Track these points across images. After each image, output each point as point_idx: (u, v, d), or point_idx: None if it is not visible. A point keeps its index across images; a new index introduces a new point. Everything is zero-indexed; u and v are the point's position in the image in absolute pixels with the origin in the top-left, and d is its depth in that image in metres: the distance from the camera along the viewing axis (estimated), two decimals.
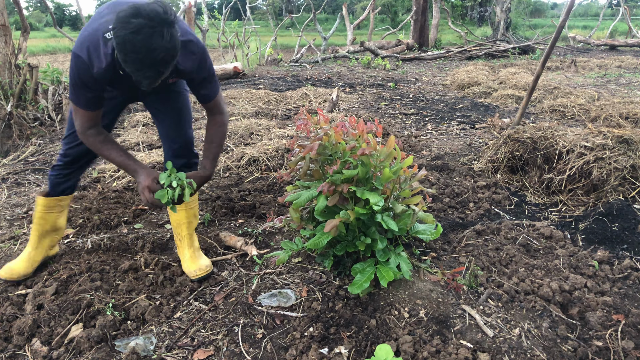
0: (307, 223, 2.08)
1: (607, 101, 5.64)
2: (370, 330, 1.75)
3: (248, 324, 1.85)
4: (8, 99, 4.84)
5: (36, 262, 2.20)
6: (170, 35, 1.49)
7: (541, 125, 3.38)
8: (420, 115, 5.81)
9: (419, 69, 11.16)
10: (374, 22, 18.99)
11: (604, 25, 22.77)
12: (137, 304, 1.92)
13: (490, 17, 23.28)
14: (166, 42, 1.48)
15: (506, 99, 6.58)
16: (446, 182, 3.27)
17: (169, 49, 1.50)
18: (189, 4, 9.62)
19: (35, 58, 9.13)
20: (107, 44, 1.65)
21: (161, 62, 1.51)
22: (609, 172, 2.78)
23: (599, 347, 1.66)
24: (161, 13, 1.48)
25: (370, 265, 1.95)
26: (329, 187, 1.82)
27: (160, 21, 1.47)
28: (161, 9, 1.50)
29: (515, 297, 1.94)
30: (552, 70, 9.89)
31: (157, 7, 1.49)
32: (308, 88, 7.28)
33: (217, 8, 20.33)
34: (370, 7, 18.20)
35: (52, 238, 2.25)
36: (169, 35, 1.49)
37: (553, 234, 2.42)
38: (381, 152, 1.85)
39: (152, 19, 1.46)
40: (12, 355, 1.69)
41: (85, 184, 3.42)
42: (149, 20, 1.45)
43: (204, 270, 2.15)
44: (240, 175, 3.60)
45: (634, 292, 1.96)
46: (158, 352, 1.69)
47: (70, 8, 53.15)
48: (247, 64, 11.96)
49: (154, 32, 1.45)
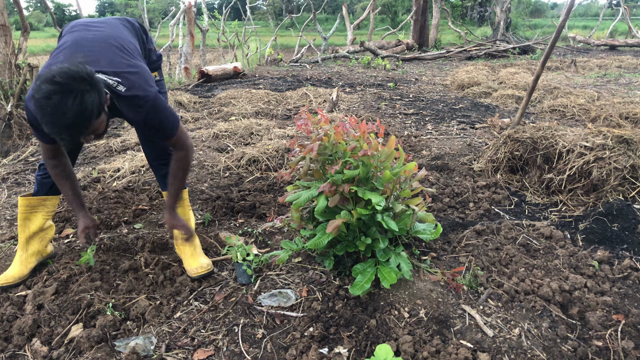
0: (307, 223, 2.08)
1: (607, 101, 5.64)
2: (370, 330, 1.75)
3: (248, 323, 1.86)
4: (8, 99, 4.84)
5: (31, 263, 2.18)
6: (81, 100, 1.50)
7: (541, 125, 3.38)
8: (420, 115, 5.81)
9: (418, 69, 11.16)
10: (374, 22, 18.99)
11: (604, 25, 22.78)
12: (137, 304, 1.92)
13: (490, 17, 23.28)
14: (76, 107, 1.49)
15: (506, 99, 6.58)
16: (446, 182, 3.27)
17: (79, 114, 1.51)
18: (189, 4, 9.62)
19: (35, 58, 9.14)
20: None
21: (72, 126, 1.53)
22: (609, 172, 2.78)
23: (599, 347, 1.66)
24: (77, 78, 1.50)
25: (370, 266, 1.95)
26: (330, 188, 1.82)
27: (73, 86, 1.49)
28: (81, 73, 1.52)
29: (515, 297, 1.94)
30: (552, 70, 9.89)
31: (77, 70, 1.52)
32: (308, 88, 7.28)
33: (217, 8, 20.33)
34: (370, 7, 18.20)
35: (41, 237, 2.22)
36: (80, 100, 1.50)
37: (553, 234, 2.42)
38: (382, 152, 1.85)
39: (65, 84, 1.48)
40: (12, 355, 1.69)
41: (85, 184, 3.42)
42: (60, 86, 1.47)
43: (205, 268, 2.15)
44: (240, 175, 3.60)
45: (634, 292, 1.96)
46: (158, 352, 1.69)
47: (70, 8, 53.16)
48: (247, 64, 11.96)
49: (64, 97, 1.48)
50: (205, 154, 4.16)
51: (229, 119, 5.56)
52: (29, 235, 2.18)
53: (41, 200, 2.17)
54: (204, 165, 3.83)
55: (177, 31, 10.00)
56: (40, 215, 2.18)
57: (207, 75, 8.81)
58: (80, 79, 1.50)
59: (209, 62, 12.19)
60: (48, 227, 2.26)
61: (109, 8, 60.36)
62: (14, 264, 2.17)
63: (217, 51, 13.25)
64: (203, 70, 8.84)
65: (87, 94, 1.51)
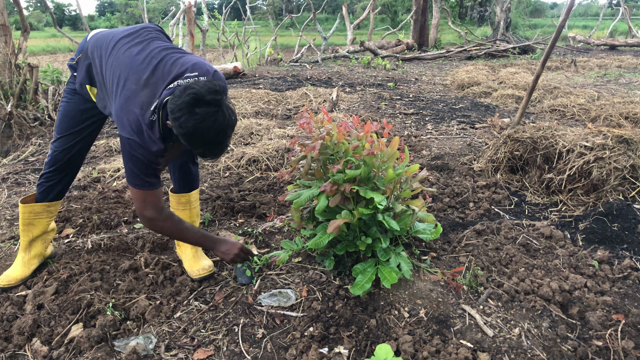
0: (307, 223, 2.07)
1: (607, 101, 5.64)
2: (370, 330, 1.75)
3: (248, 323, 1.85)
4: (8, 98, 4.84)
5: (33, 265, 2.19)
6: (229, 110, 1.54)
7: (541, 125, 3.38)
8: (420, 115, 5.81)
9: (419, 69, 11.16)
10: (374, 22, 18.99)
11: (604, 25, 22.78)
12: (137, 304, 1.92)
13: (490, 17, 23.29)
14: (229, 119, 1.54)
15: (506, 98, 6.58)
16: (446, 182, 3.27)
17: (233, 123, 1.57)
18: (189, 3, 9.62)
19: (35, 58, 9.13)
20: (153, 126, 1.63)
21: (228, 138, 1.59)
22: (609, 172, 2.78)
23: (599, 346, 1.66)
24: (215, 92, 1.50)
25: (371, 266, 1.95)
26: (331, 187, 1.81)
27: (219, 100, 1.51)
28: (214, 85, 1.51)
29: (515, 297, 1.94)
30: (552, 70, 9.89)
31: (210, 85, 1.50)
32: (308, 88, 7.28)
33: (217, 8, 20.32)
34: (370, 7, 18.20)
35: (43, 239, 2.22)
36: (228, 111, 1.54)
37: (553, 234, 2.42)
38: (385, 152, 1.85)
39: (211, 102, 1.49)
40: (12, 355, 1.69)
41: (85, 184, 3.42)
42: (210, 106, 1.48)
43: (207, 270, 2.15)
44: (240, 175, 3.60)
45: (634, 292, 1.96)
46: (158, 352, 1.69)
47: (70, 8, 53.17)
48: (247, 63, 11.96)
49: (218, 115, 1.50)
50: None
51: None
52: (32, 239, 2.17)
53: (45, 206, 2.16)
54: (204, 165, 3.83)
55: (177, 31, 10.00)
56: (45, 220, 2.18)
57: None
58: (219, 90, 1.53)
59: (209, 62, 12.17)
60: (51, 229, 2.26)
61: (109, 8, 60.35)
62: (16, 265, 2.17)
63: (217, 51, 13.25)
64: None
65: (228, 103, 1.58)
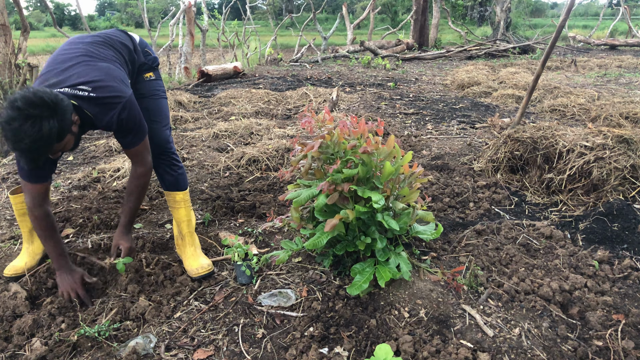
0: (307, 222, 2.07)
1: (607, 101, 5.64)
2: (370, 330, 1.75)
3: (248, 323, 1.85)
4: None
5: (37, 255, 2.22)
6: (39, 127, 1.55)
7: (541, 125, 3.37)
8: (420, 114, 5.81)
9: (419, 69, 11.16)
10: (374, 22, 18.98)
11: (604, 25, 22.77)
12: (137, 304, 1.92)
13: (490, 17, 23.27)
14: (34, 133, 1.54)
15: (506, 98, 6.58)
16: (446, 181, 3.27)
17: (37, 139, 1.56)
18: (189, 3, 9.62)
19: (35, 58, 9.13)
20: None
21: (31, 150, 1.58)
22: (609, 172, 2.78)
23: (599, 346, 1.66)
24: (37, 104, 1.54)
25: (369, 266, 1.95)
26: (329, 186, 1.81)
27: (32, 112, 1.54)
28: (44, 98, 1.56)
29: (515, 297, 1.94)
30: (552, 70, 9.89)
31: (39, 96, 1.55)
32: (308, 88, 7.27)
33: (217, 8, 20.31)
34: (370, 6, 18.19)
35: None
36: (39, 127, 1.55)
37: (553, 234, 2.42)
38: (382, 150, 1.85)
39: (24, 109, 1.53)
40: (12, 355, 1.69)
41: (85, 184, 3.42)
42: (19, 111, 1.52)
43: (206, 268, 2.16)
44: (240, 175, 3.60)
45: (634, 292, 1.96)
46: (158, 352, 1.69)
47: (69, 8, 53.15)
48: (247, 63, 11.96)
49: (22, 123, 1.53)
50: (205, 153, 4.16)
51: (229, 118, 5.56)
52: (31, 228, 2.20)
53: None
54: (204, 165, 3.83)
55: (177, 31, 9.99)
56: None
57: (207, 74, 8.81)
58: (40, 105, 1.55)
59: (209, 62, 12.19)
60: None
61: (108, 8, 60.35)
62: (22, 255, 2.20)
63: (217, 51, 13.26)
64: (203, 70, 8.84)
65: (45, 121, 1.56)
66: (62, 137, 1.64)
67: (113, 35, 2.12)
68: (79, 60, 1.85)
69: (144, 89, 2.21)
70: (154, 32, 9.82)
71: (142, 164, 2.02)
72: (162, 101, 2.27)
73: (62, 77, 1.78)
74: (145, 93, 2.20)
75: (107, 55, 1.95)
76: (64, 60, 1.85)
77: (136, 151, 1.98)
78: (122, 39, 2.13)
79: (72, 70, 1.81)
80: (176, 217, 2.27)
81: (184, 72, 9.43)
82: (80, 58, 1.86)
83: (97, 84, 1.78)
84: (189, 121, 5.57)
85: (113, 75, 1.85)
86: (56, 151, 1.70)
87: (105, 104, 1.79)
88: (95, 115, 1.80)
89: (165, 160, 2.21)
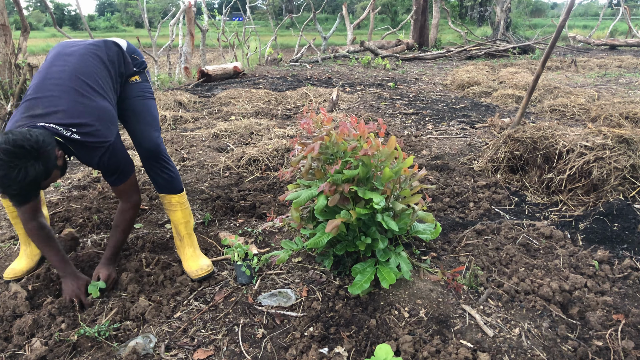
0: (307, 222, 2.07)
1: (607, 101, 5.64)
2: (370, 330, 1.75)
3: (248, 323, 1.85)
4: (8, 98, 4.84)
5: (36, 256, 2.22)
6: (25, 173, 1.58)
7: (541, 125, 3.38)
8: (420, 115, 5.81)
9: (419, 69, 11.16)
10: (374, 22, 18.98)
11: (604, 25, 22.77)
12: (137, 304, 1.92)
13: (491, 17, 23.27)
14: (21, 179, 1.57)
15: (506, 98, 6.58)
16: (446, 181, 3.27)
17: (24, 184, 1.59)
18: (189, 3, 9.61)
19: (35, 58, 9.14)
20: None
21: (19, 193, 1.63)
22: (609, 172, 2.78)
23: (599, 347, 1.66)
24: (19, 154, 1.56)
25: (370, 266, 1.95)
26: (329, 187, 1.81)
27: (15, 162, 1.56)
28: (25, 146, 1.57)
29: (515, 297, 1.94)
30: (552, 70, 9.89)
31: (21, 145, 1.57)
32: (308, 88, 7.27)
33: (217, 8, 20.31)
34: (370, 6, 18.19)
35: None
36: (25, 174, 1.58)
37: (553, 234, 2.42)
38: (382, 152, 1.84)
39: (7, 160, 1.55)
40: (12, 355, 1.69)
41: (85, 184, 3.42)
42: (3, 162, 1.55)
43: (206, 270, 2.15)
44: (240, 175, 3.60)
45: (634, 292, 1.96)
46: (158, 352, 1.69)
47: (69, 8, 53.14)
48: (247, 63, 11.96)
49: (8, 171, 1.56)
50: (205, 153, 4.16)
51: (229, 118, 5.56)
52: None
53: None
54: (204, 165, 3.83)
55: (177, 31, 9.99)
56: None
57: (207, 74, 8.81)
58: (22, 155, 1.57)
59: (209, 62, 12.19)
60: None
61: (108, 8, 60.32)
62: (20, 257, 2.20)
63: (217, 51, 13.26)
64: (203, 70, 8.84)
65: (31, 167, 1.59)
66: (49, 175, 1.68)
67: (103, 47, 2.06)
68: (69, 92, 1.82)
69: (128, 91, 2.17)
70: (154, 32, 9.82)
71: (127, 201, 2.06)
72: (149, 102, 2.22)
73: (50, 109, 1.77)
74: (129, 95, 2.17)
75: (98, 85, 1.92)
76: (52, 86, 1.82)
77: (121, 189, 2.02)
78: (111, 53, 2.07)
79: (61, 103, 1.79)
80: (173, 219, 2.25)
81: (184, 72, 9.43)
82: (71, 89, 1.83)
83: (86, 129, 1.78)
84: (189, 121, 5.57)
85: (102, 118, 1.85)
86: (46, 186, 1.73)
87: (90, 147, 1.82)
88: (78, 153, 1.83)
89: (156, 164, 2.17)
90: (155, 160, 2.16)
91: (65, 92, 1.82)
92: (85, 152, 1.83)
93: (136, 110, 2.16)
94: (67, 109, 1.79)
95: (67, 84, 1.84)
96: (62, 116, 1.76)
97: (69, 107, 1.79)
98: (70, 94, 1.82)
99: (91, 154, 1.84)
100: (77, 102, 1.82)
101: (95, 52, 2.01)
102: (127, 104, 2.15)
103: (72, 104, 1.80)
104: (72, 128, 1.76)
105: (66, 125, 1.75)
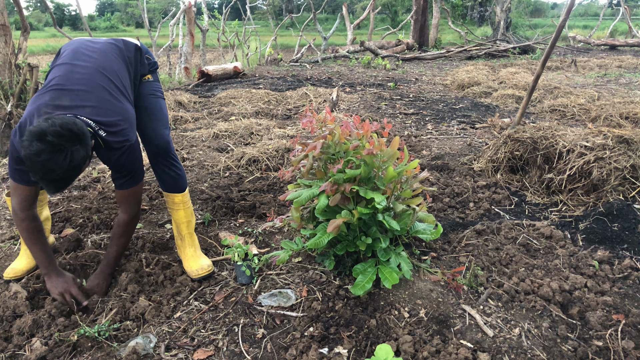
0: (307, 222, 2.07)
1: (607, 101, 5.64)
2: (370, 330, 1.75)
3: (248, 323, 1.85)
4: (8, 98, 4.84)
5: None
6: (71, 158, 1.57)
7: (541, 125, 3.38)
8: (420, 115, 5.81)
9: (419, 69, 11.16)
10: (374, 22, 18.98)
11: (604, 25, 22.77)
12: (137, 304, 1.92)
13: (491, 17, 23.27)
14: (67, 165, 1.56)
15: (506, 98, 6.58)
16: (446, 182, 3.27)
17: (69, 170, 1.58)
18: (189, 3, 9.61)
19: (35, 58, 9.14)
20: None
21: (62, 180, 1.60)
22: (609, 172, 2.78)
23: (599, 347, 1.66)
24: (68, 137, 1.55)
25: (371, 266, 1.94)
26: (331, 187, 1.81)
27: (64, 145, 1.54)
28: (73, 130, 1.56)
29: (515, 297, 1.94)
30: (552, 70, 9.89)
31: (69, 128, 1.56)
32: (308, 88, 7.27)
33: (217, 8, 20.31)
34: (370, 7, 18.19)
35: None
36: (71, 158, 1.57)
37: (553, 234, 2.42)
38: (385, 152, 1.84)
39: (56, 143, 1.53)
40: (12, 355, 1.69)
41: (85, 184, 3.42)
42: (52, 145, 1.52)
43: (206, 269, 2.15)
44: (240, 175, 3.60)
45: (634, 292, 1.96)
46: (158, 352, 1.69)
47: (70, 8, 53.14)
48: (247, 63, 11.96)
49: (55, 156, 1.53)
50: (205, 153, 4.16)
51: (229, 118, 5.56)
52: None
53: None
54: (204, 165, 3.83)
55: (177, 31, 9.99)
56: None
57: (207, 75, 8.81)
58: (71, 138, 1.56)
59: (209, 62, 12.19)
60: (45, 218, 2.28)
61: (109, 8, 60.32)
62: (21, 257, 2.19)
63: (217, 51, 13.26)
64: (203, 70, 8.84)
65: (76, 152, 1.59)
66: (87, 163, 1.69)
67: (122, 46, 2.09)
68: (97, 88, 1.83)
69: (141, 89, 2.21)
70: (154, 32, 9.82)
71: (127, 211, 2.03)
72: (161, 101, 2.27)
73: (77, 102, 1.77)
74: (142, 92, 2.20)
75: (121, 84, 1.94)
76: (79, 80, 1.83)
77: (126, 195, 1.99)
78: (130, 54, 2.11)
79: (90, 98, 1.80)
80: (175, 218, 2.26)
81: (184, 72, 9.43)
82: (99, 86, 1.84)
83: (113, 128, 1.80)
84: (189, 121, 5.57)
85: (128, 119, 1.88)
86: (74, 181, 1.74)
87: (112, 146, 1.82)
88: (98, 150, 1.84)
89: (165, 161, 2.19)
90: (164, 158, 2.18)
91: (94, 88, 1.83)
92: (105, 150, 1.82)
93: (148, 108, 2.18)
94: (96, 105, 1.80)
95: (95, 80, 1.85)
96: (90, 112, 1.77)
97: (98, 104, 1.80)
98: (99, 90, 1.83)
99: (112, 152, 1.83)
100: (105, 99, 1.83)
101: (117, 51, 2.03)
102: (139, 101, 2.17)
103: (100, 101, 1.81)
104: (101, 126, 1.77)
105: (94, 121, 1.76)
